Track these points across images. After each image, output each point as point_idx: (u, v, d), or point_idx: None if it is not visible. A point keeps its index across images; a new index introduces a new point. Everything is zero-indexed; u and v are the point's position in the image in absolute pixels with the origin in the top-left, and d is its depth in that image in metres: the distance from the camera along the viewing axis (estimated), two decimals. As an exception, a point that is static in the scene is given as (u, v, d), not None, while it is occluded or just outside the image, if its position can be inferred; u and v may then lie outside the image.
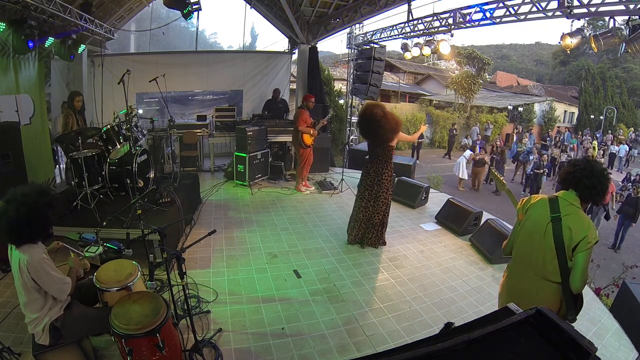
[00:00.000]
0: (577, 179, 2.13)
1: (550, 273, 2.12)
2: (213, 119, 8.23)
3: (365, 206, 4.51)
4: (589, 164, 2.16)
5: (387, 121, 4.21)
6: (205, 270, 3.87)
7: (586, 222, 2.07)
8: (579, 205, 2.13)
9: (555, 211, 2.11)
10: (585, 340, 0.88)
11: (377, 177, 4.43)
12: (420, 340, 1.00)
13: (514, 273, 2.35)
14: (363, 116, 4.46)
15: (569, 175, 2.18)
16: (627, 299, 3.62)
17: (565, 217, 2.08)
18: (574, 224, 2.05)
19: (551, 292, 2.14)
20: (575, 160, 2.29)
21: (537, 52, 56.65)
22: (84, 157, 4.09)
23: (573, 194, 2.15)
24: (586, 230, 2.02)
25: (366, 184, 4.51)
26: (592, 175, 2.10)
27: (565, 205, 2.12)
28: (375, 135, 4.37)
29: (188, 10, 6.62)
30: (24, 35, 4.85)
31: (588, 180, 2.10)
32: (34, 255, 1.99)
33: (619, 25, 4.10)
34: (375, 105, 4.48)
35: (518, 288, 2.28)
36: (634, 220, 8.52)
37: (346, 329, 3.09)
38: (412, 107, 21.59)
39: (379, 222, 4.56)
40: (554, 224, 2.09)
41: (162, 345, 2.10)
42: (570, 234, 2.04)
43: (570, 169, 2.19)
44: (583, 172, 2.12)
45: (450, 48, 6.58)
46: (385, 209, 4.52)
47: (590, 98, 26.08)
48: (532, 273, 2.20)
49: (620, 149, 17.90)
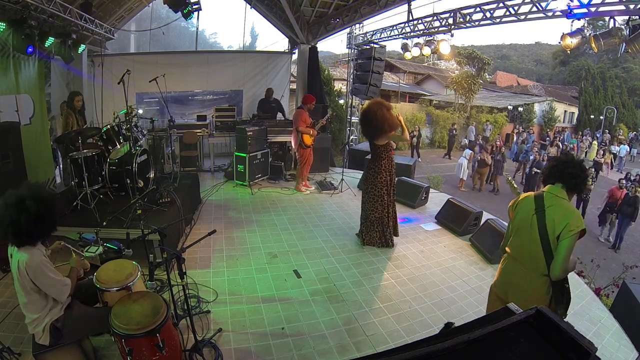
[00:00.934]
0: (560, 171, 2.24)
1: (538, 265, 2.19)
2: (213, 119, 8.23)
3: (363, 203, 4.64)
4: (568, 157, 2.32)
5: (376, 118, 4.26)
6: (205, 270, 3.87)
7: (569, 210, 2.14)
8: (564, 197, 2.20)
9: (540, 204, 2.20)
10: (585, 340, 0.88)
11: (373, 175, 4.51)
12: (420, 340, 1.00)
13: (507, 268, 2.41)
14: (363, 113, 4.51)
15: (552, 169, 2.29)
16: (627, 299, 3.62)
17: (548, 209, 2.15)
18: (556, 214, 2.12)
19: (540, 285, 2.20)
20: (555, 157, 2.44)
21: (537, 52, 56.65)
22: (84, 157, 4.09)
23: (559, 186, 2.23)
24: (568, 218, 2.08)
25: (364, 182, 4.65)
26: (574, 165, 2.22)
27: (549, 198, 2.20)
28: (366, 129, 4.49)
29: (188, 10, 6.63)
30: (24, 35, 4.85)
31: (572, 169, 2.21)
32: (34, 257, 1.99)
33: (619, 25, 4.10)
34: (375, 102, 4.49)
35: (512, 282, 2.35)
36: (633, 219, 8.54)
37: (346, 329, 3.09)
38: (412, 107, 21.58)
39: (377, 220, 4.57)
40: (538, 216, 2.17)
41: (162, 345, 2.10)
42: (554, 224, 2.11)
43: (553, 164, 2.32)
44: (565, 163, 2.25)
45: (450, 48, 6.59)
46: (382, 208, 4.52)
47: (590, 98, 26.08)
48: (523, 267, 2.27)
49: (620, 149, 17.91)
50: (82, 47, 6.85)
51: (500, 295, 2.43)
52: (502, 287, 2.42)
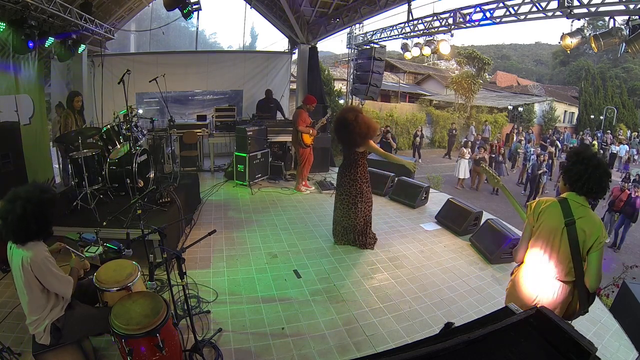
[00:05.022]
0: (582, 174, 2.12)
1: (566, 274, 2.17)
2: (213, 119, 8.23)
3: (336, 209, 4.60)
4: (589, 153, 2.18)
5: (357, 125, 4.15)
6: (205, 270, 3.87)
7: (597, 222, 2.12)
8: (588, 205, 2.17)
9: (568, 215, 2.13)
10: (585, 340, 0.88)
11: (348, 183, 4.40)
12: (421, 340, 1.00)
13: (529, 276, 2.33)
14: (336, 119, 4.45)
15: (574, 171, 2.17)
16: (627, 299, 3.62)
17: (579, 220, 2.11)
18: (587, 226, 2.10)
19: (565, 292, 2.20)
20: (576, 151, 2.26)
21: (537, 52, 56.67)
22: (83, 157, 4.09)
23: (579, 194, 2.16)
24: (598, 231, 2.08)
25: (338, 187, 4.58)
26: (597, 167, 2.11)
27: (576, 208, 2.14)
28: (344, 138, 4.33)
29: (188, 10, 6.62)
30: (24, 35, 4.85)
31: (596, 173, 2.09)
32: (38, 253, 2.00)
33: (619, 25, 4.10)
34: (350, 109, 4.49)
35: (535, 291, 2.28)
36: (633, 220, 8.55)
37: (346, 329, 3.09)
38: (412, 107, 21.58)
39: (350, 227, 4.50)
40: (569, 229, 2.12)
41: (162, 346, 2.10)
42: (585, 236, 2.09)
43: (575, 162, 2.19)
44: (588, 164, 2.12)
45: (450, 48, 6.58)
46: (354, 216, 4.43)
47: (590, 98, 26.08)
48: (549, 275, 2.23)
49: (620, 149, 17.90)
50: (82, 47, 6.86)
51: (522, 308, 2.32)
52: (525, 300, 2.29)
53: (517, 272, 2.42)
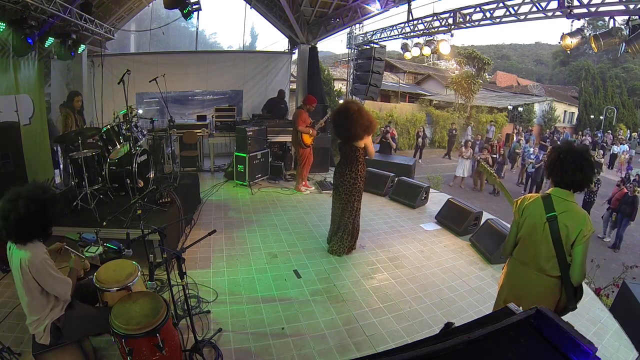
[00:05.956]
0: (562, 163, 2.15)
1: (550, 268, 2.18)
2: (213, 119, 8.23)
3: (335, 210, 4.43)
4: (569, 146, 2.21)
5: (360, 116, 4.03)
6: (205, 270, 3.87)
7: (581, 215, 2.13)
8: (572, 199, 2.17)
9: (550, 210, 2.16)
10: (585, 340, 0.88)
11: (350, 183, 4.23)
12: (420, 340, 1.00)
13: (514, 270, 2.39)
14: (337, 110, 4.30)
15: (554, 162, 2.20)
16: (627, 299, 3.62)
17: (560, 215, 2.13)
18: (569, 221, 2.11)
19: (552, 286, 2.20)
20: (555, 147, 2.32)
21: (537, 52, 56.68)
22: (83, 157, 4.09)
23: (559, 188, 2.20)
24: (582, 224, 2.08)
25: (336, 188, 4.40)
26: (577, 155, 2.14)
27: (559, 203, 2.16)
28: (346, 127, 4.10)
29: (188, 10, 6.62)
30: (24, 36, 4.85)
31: (576, 162, 2.12)
32: (36, 255, 1.99)
33: (619, 25, 4.10)
34: (352, 101, 4.39)
35: (520, 285, 2.33)
36: (632, 218, 8.56)
37: (346, 329, 3.09)
38: (412, 107, 21.57)
39: (353, 229, 4.37)
40: (550, 224, 2.14)
41: (162, 345, 2.10)
42: (567, 231, 2.10)
43: (554, 156, 2.23)
44: (567, 154, 2.15)
45: (450, 48, 6.59)
46: (354, 217, 4.33)
47: (590, 98, 26.09)
48: (533, 270, 2.25)
49: (620, 148, 17.91)
50: (82, 47, 6.85)
51: (509, 301, 2.34)
52: (511, 292, 2.37)
53: (506, 267, 2.48)
